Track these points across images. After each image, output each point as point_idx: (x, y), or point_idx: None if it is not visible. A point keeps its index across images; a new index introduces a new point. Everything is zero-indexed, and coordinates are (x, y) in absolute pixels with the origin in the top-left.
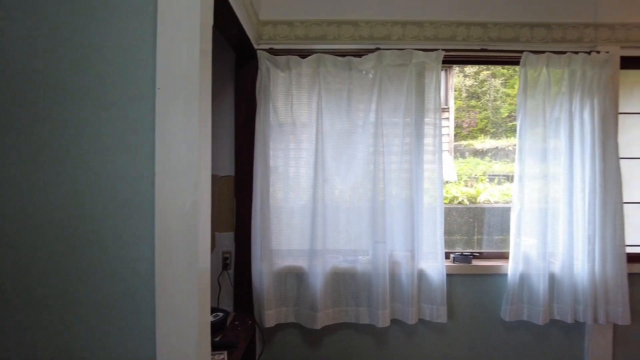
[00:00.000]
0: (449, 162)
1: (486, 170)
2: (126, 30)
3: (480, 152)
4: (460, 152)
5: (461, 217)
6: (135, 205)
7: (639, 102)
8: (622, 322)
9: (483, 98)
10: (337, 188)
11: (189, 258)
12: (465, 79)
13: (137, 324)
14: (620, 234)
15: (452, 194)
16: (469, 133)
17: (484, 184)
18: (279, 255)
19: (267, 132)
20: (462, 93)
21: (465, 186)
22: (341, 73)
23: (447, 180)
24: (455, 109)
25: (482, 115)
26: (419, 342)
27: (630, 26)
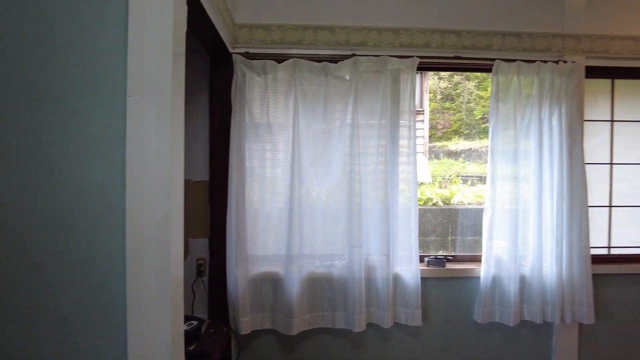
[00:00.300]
0: (424, 163)
1: (460, 171)
2: (95, 35)
3: (454, 153)
4: (434, 153)
5: (436, 218)
6: (105, 217)
7: (602, 109)
8: (587, 321)
9: (457, 100)
10: (314, 191)
11: (162, 269)
12: (440, 82)
13: (108, 338)
14: (585, 237)
15: (426, 196)
16: (444, 134)
17: (457, 185)
18: (254, 260)
19: (243, 137)
20: (436, 95)
21: (439, 187)
22: (317, 78)
23: (422, 182)
24: (430, 111)
25: (456, 117)
26: (395, 346)
27: (594, 37)
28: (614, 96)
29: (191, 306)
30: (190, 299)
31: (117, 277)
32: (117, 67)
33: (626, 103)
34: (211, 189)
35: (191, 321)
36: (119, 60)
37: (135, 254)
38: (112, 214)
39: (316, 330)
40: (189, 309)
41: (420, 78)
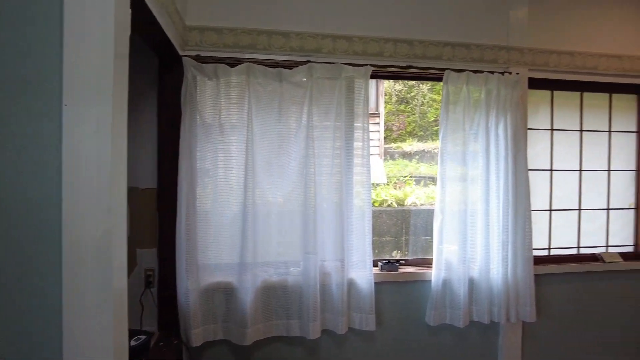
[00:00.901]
0: (380, 165)
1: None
2: (26, 38)
3: (409, 154)
4: (390, 154)
5: (390, 219)
6: (39, 233)
7: (544, 119)
8: (530, 320)
9: (411, 103)
10: (268, 197)
11: (103, 285)
12: (395, 84)
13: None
14: (528, 239)
15: (381, 197)
16: (399, 136)
17: (411, 186)
18: (206, 270)
19: (193, 142)
20: (392, 97)
21: (394, 189)
22: (272, 83)
23: (378, 183)
24: (385, 113)
25: (410, 119)
26: (349, 351)
27: (536, 51)
28: (554, 106)
29: (139, 319)
30: (138, 312)
31: (52, 297)
32: (52, 72)
33: (564, 113)
34: (160, 196)
35: (139, 336)
36: (53, 64)
37: (73, 271)
38: (47, 230)
39: (271, 339)
40: (137, 322)
41: (376, 82)
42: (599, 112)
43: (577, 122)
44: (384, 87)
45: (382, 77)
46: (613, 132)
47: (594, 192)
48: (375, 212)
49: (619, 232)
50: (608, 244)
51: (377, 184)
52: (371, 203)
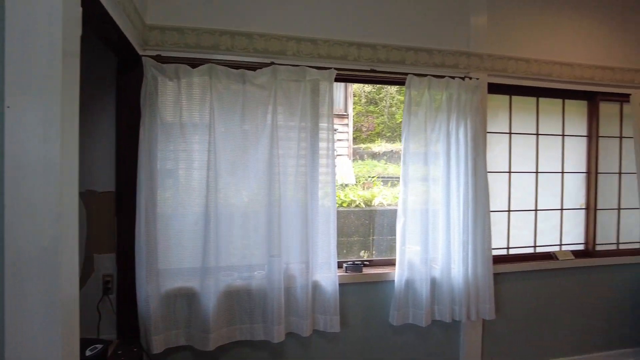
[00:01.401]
0: (349, 166)
1: (382, 172)
2: None
3: (377, 155)
4: (359, 154)
5: (358, 219)
6: None
7: (502, 123)
8: (489, 317)
9: (380, 104)
10: (232, 199)
11: (50, 296)
12: (364, 86)
13: None
14: (488, 239)
15: (350, 198)
16: (368, 137)
17: (378, 187)
18: (167, 275)
19: (154, 143)
20: (361, 99)
21: (362, 189)
22: (235, 85)
23: (347, 184)
24: (355, 114)
25: (379, 120)
26: (314, 353)
27: (495, 57)
28: (512, 111)
29: (97, 328)
30: (95, 321)
31: None
32: None
33: (521, 118)
34: (118, 200)
35: (95, 345)
36: None
37: (16, 283)
38: None
39: (234, 344)
40: (94, 331)
41: (345, 83)
42: (553, 117)
43: (533, 126)
44: (354, 88)
45: (346, 81)
46: (566, 136)
47: (548, 193)
48: (343, 213)
49: (571, 231)
50: (562, 242)
51: (345, 185)
52: (336, 204)
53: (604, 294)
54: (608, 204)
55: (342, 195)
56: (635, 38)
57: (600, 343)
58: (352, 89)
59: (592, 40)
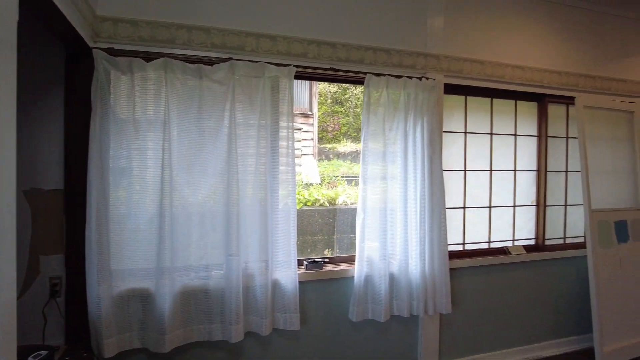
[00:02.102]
0: (314, 165)
1: (347, 171)
2: None
3: (343, 155)
4: (325, 154)
5: (322, 218)
6: None
7: (458, 122)
8: (446, 311)
9: (346, 104)
10: (188, 197)
11: None
12: (330, 86)
13: None
14: (444, 235)
15: (314, 197)
16: (334, 137)
17: (342, 186)
18: (120, 276)
19: (105, 139)
20: (327, 99)
21: (327, 189)
22: (191, 80)
23: (312, 183)
24: (321, 114)
25: (344, 121)
26: (274, 352)
27: (451, 59)
28: (467, 111)
29: (42, 333)
30: (40, 326)
31: None
32: None
33: (476, 117)
34: (67, 198)
35: (40, 352)
36: None
37: None
38: None
39: (192, 345)
40: (39, 336)
41: (310, 82)
42: (506, 117)
43: (487, 125)
44: (319, 88)
45: (306, 78)
46: (518, 135)
47: (502, 191)
48: (307, 212)
49: (524, 227)
50: (514, 237)
51: (310, 184)
52: (296, 202)
53: (553, 285)
54: (556, 200)
55: (306, 194)
56: (581, 45)
57: (550, 332)
58: (317, 89)
59: (542, 45)
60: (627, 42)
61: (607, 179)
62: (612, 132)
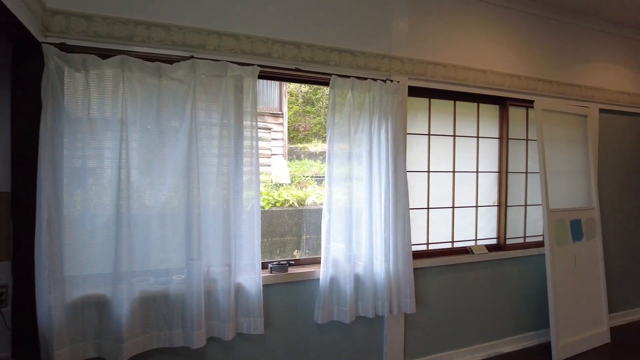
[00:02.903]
0: (284, 166)
1: (318, 171)
2: None
3: (314, 155)
4: (296, 154)
5: (292, 219)
6: None
7: (422, 124)
8: (410, 311)
9: (317, 104)
10: (147, 200)
11: None
12: (301, 86)
13: None
14: (408, 236)
15: (283, 197)
16: (305, 137)
17: (312, 186)
18: (74, 282)
19: (57, 140)
20: (298, 99)
21: (296, 189)
22: (150, 78)
23: (282, 184)
24: (292, 114)
25: (316, 121)
26: (238, 357)
27: (415, 61)
28: (431, 113)
29: None
30: None
31: None
32: None
33: (439, 120)
34: (14, 202)
35: None
36: None
37: None
38: None
39: (151, 352)
40: None
41: (279, 82)
42: (469, 119)
43: (451, 128)
44: (290, 88)
45: (271, 78)
46: (480, 137)
47: (465, 191)
48: (277, 213)
49: (486, 227)
50: (477, 237)
51: (280, 184)
52: (260, 204)
53: (513, 283)
54: (516, 201)
55: (275, 195)
56: (539, 51)
57: (510, 328)
58: (287, 89)
59: (504, 50)
60: (582, 49)
61: (564, 180)
62: (568, 135)
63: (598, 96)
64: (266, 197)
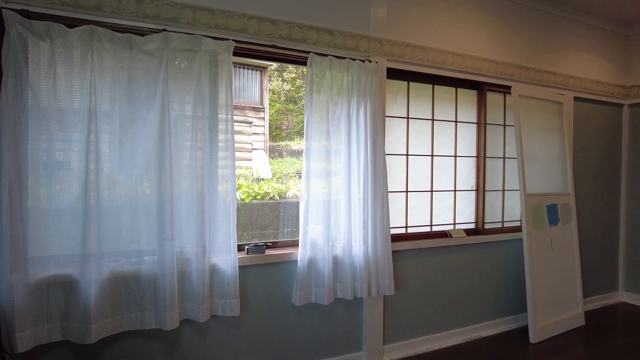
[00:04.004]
0: (265, 160)
1: (300, 168)
2: None
3: (296, 153)
4: (279, 152)
5: (273, 211)
6: None
7: (400, 108)
8: (389, 293)
9: (300, 103)
10: (117, 180)
11: None
12: (283, 84)
13: None
14: (386, 218)
15: (264, 190)
16: (287, 135)
17: (294, 180)
18: (39, 263)
19: (20, 114)
20: (281, 96)
21: (277, 183)
22: (120, 51)
23: (263, 178)
24: (274, 112)
25: (298, 119)
26: (213, 340)
27: (393, 43)
28: (410, 97)
29: None
30: None
31: None
32: None
33: (418, 104)
34: None
35: None
36: None
37: None
38: None
39: (122, 335)
40: None
41: (260, 75)
42: (447, 104)
43: (429, 112)
44: (272, 86)
45: (246, 56)
46: (459, 122)
47: (443, 176)
48: (257, 205)
49: (464, 211)
50: (455, 221)
51: (261, 179)
52: (236, 185)
53: (491, 267)
54: (494, 185)
55: (256, 187)
56: (517, 38)
57: (490, 312)
58: (267, 82)
59: (482, 35)
60: (558, 37)
61: (540, 166)
62: (545, 122)
63: (573, 84)
64: (246, 189)
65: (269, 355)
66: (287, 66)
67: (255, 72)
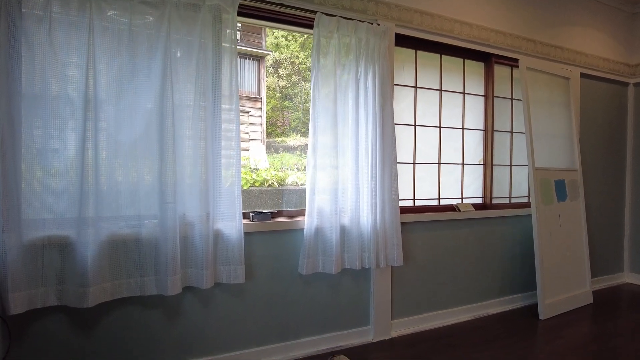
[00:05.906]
0: (262, 150)
1: (296, 162)
2: None
3: (292, 148)
4: (274, 147)
5: (271, 199)
6: None
7: (408, 77)
8: (398, 264)
9: (295, 99)
10: (116, 138)
11: None
12: (279, 80)
13: None
14: (395, 189)
15: (262, 177)
16: (283, 131)
17: (293, 170)
18: (33, 225)
19: (10, 65)
20: (276, 93)
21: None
22: (121, 3)
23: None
24: (270, 108)
25: (294, 116)
26: (216, 308)
27: (402, 7)
28: (417, 66)
29: None
30: None
31: None
32: None
33: (426, 74)
34: None
35: None
36: None
37: None
38: None
39: (121, 302)
40: None
41: (257, 65)
42: (455, 75)
43: (437, 82)
44: (268, 82)
45: (253, 17)
46: (466, 94)
47: (451, 148)
48: (255, 192)
49: (471, 185)
50: (463, 195)
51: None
52: (240, 153)
53: (499, 243)
54: (502, 160)
55: (254, 175)
56: (525, 10)
57: (496, 289)
58: (264, 73)
59: (490, 6)
60: (566, 11)
61: (547, 141)
62: (551, 97)
63: (579, 60)
64: (244, 176)
65: (274, 327)
66: (283, 62)
67: (252, 62)
